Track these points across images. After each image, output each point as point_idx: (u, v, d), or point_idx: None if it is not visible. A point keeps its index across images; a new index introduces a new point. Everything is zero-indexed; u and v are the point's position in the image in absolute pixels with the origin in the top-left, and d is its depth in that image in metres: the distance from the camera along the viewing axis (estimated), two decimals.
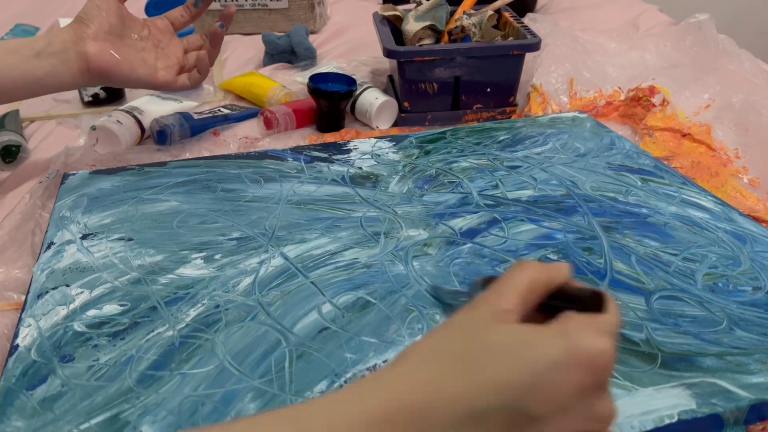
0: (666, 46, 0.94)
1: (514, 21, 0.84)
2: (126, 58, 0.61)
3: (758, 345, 0.42)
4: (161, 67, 0.64)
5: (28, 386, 0.39)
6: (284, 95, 0.84)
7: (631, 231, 0.54)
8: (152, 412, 0.37)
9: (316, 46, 1.04)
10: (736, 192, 0.64)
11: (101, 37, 0.60)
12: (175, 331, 0.43)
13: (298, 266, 0.50)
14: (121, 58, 0.61)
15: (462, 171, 0.64)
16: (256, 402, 0.38)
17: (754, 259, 0.50)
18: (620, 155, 0.67)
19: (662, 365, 0.40)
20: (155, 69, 0.64)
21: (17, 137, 0.72)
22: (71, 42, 0.59)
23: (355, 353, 0.41)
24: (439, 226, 0.55)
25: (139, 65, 0.62)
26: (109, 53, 0.60)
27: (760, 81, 0.81)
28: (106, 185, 0.62)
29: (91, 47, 0.59)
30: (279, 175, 0.63)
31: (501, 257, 0.51)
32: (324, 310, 0.45)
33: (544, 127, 0.73)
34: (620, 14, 1.16)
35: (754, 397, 0.38)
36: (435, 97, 0.78)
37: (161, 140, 0.74)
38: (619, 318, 0.29)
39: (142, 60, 0.63)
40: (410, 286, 0.47)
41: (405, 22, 0.82)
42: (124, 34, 0.62)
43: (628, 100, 0.80)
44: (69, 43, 0.59)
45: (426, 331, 0.43)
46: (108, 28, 0.60)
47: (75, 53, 0.59)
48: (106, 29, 0.60)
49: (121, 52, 0.61)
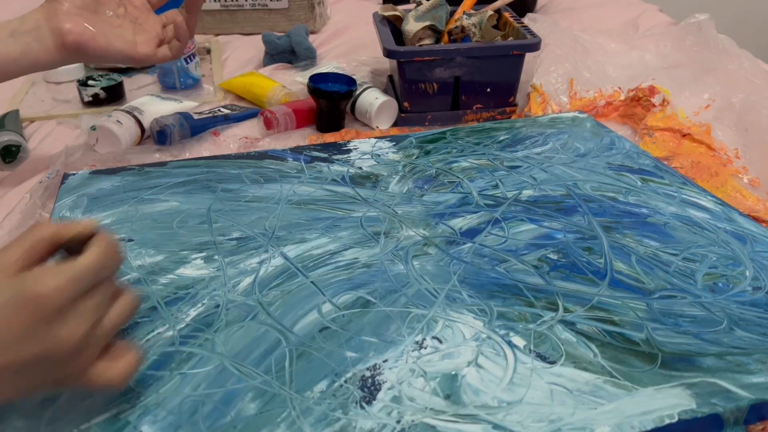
0: (666, 46, 0.94)
1: (514, 21, 0.84)
2: (101, 32, 0.60)
3: (758, 345, 0.42)
4: (140, 41, 0.63)
5: None
6: (284, 95, 0.84)
7: (631, 231, 0.54)
8: (152, 412, 0.37)
9: (316, 46, 1.04)
10: (736, 192, 0.64)
11: (74, 11, 0.59)
12: (175, 331, 0.43)
13: (298, 266, 0.50)
14: (97, 32, 0.60)
15: (462, 171, 0.64)
16: (256, 402, 0.38)
17: (754, 259, 0.50)
18: (620, 155, 0.67)
19: (662, 365, 0.40)
20: (134, 43, 0.62)
21: (17, 137, 0.72)
22: (44, 19, 0.59)
23: (356, 352, 0.41)
24: (439, 225, 0.55)
25: (115, 39, 0.61)
26: (83, 26, 0.59)
27: (760, 81, 0.81)
28: (106, 185, 0.62)
29: (64, 22, 0.59)
30: (279, 175, 0.63)
31: (501, 257, 0.51)
32: (324, 309, 0.45)
33: (544, 127, 0.73)
34: (620, 14, 1.16)
35: (754, 397, 0.38)
36: (435, 97, 0.78)
37: (161, 140, 0.74)
38: (104, 249, 0.34)
39: (119, 34, 0.62)
40: (410, 286, 0.47)
41: (405, 22, 0.82)
42: (99, 11, 0.62)
43: (628, 100, 0.80)
44: (42, 21, 0.59)
45: (426, 330, 0.43)
46: (81, 3, 0.60)
47: (49, 30, 0.59)
48: (79, 5, 0.60)
49: (96, 26, 0.60)
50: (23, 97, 0.89)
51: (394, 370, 0.40)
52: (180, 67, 0.90)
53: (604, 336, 0.42)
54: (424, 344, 0.42)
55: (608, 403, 0.37)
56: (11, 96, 0.89)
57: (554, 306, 0.45)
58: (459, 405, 0.37)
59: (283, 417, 0.37)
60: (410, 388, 0.38)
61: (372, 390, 0.38)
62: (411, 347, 0.42)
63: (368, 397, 0.38)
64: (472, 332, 0.43)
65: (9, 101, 0.87)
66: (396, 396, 0.38)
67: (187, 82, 0.91)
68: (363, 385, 0.39)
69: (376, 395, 0.38)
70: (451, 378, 0.39)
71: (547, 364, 0.40)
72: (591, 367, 0.40)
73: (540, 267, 0.49)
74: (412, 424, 0.36)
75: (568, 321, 0.44)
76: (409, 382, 0.39)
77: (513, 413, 0.37)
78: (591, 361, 0.40)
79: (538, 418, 0.36)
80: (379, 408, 0.37)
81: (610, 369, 0.40)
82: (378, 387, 0.39)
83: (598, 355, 0.41)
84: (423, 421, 0.36)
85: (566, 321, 0.44)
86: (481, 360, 0.40)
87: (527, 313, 0.44)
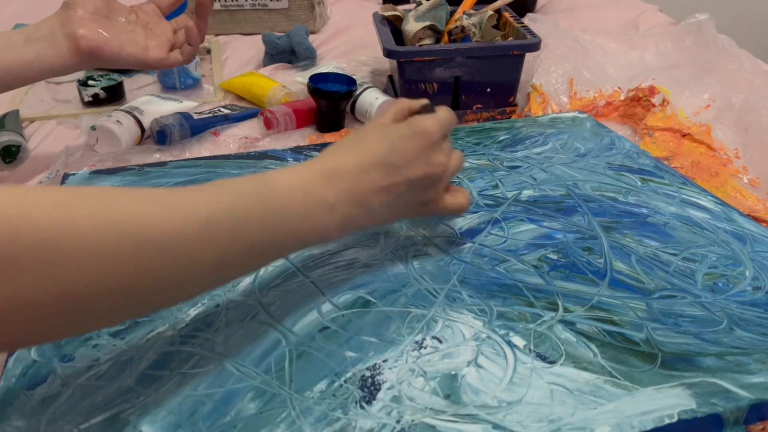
0: (666, 46, 0.94)
1: (514, 21, 0.84)
2: (114, 37, 0.62)
3: (758, 345, 0.42)
4: (152, 46, 0.64)
5: (28, 386, 0.39)
6: (284, 95, 0.84)
7: (631, 231, 0.54)
8: (152, 412, 0.37)
9: (316, 46, 1.04)
10: (736, 192, 0.64)
11: (88, 17, 0.61)
12: (175, 330, 0.43)
13: (298, 266, 0.50)
14: (110, 36, 0.61)
15: (462, 171, 0.64)
16: (256, 401, 0.38)
17: (754, 259, 0.50)
18: (620, 155, 0.67)
19: (662, 365, 0.40)
20: (146, 47, 0.64)
21: (17, 137, 0.72)
22: (58, 25, 0.60)
23: (355, 352, 0.41)
24: (439, 225, 0.55)
25: (128, 43, 0.62)
26: (96, 31, 0.60)
27: (760, 81, 0.81)
28: (106, 185, 0.62)
29: (78, 28, 0.60)
30: None
31: (501, 257, 0.51)
32: (324, 309, 0.45)
33: (544, 127, 0.73)
34: (620, 14, 1.16)
35: (754, 397, 0.38)
36: (435, 97, 0.78)
37: (161, 140, 0.74)
38: (448, 113, 0.48)
39: (132, 39, 0.63)
40: (410, 286, 0.47)
41: (405, 22, 0.82)
42: (112, 17, 0.63)
43: (628, 100, 0.80)
44: (56, 27, 0.60)
45: (426, 330, 0.43)
46: (94, 10, 0.61)
47: (63, 35, 0.60)
48: (93, 11, 0.61)
49: (109, 31, 0.61)
50: (23, 97, 0.89)
51: (393, 370, 0.40)
52: (180, 67, 0.90)
53: (604, 336, 0.42)
54: (424, 344, 0.42)
55: (608, 403, 0.37)
56: (11, 96, 0.88)
57: (554, 306, 0.45)
58: (459, 405, 0.37)
59: (282, 417, 0.37)
60: (410, 387, 0.38)
61: (372, 390, 0.38)
62: (411, 347, 0.42)
63: (368, 397, 0.38)
64: (472, 332, 0.43)
65: (9, 101, 0.87)
66: (396, 396, 0.38)
67: (187, 82, 0.91)
68: (363, 385, 0.39)
69: (375, 395, 0.38)
70: (451, 378, 0.39)
71: (547, 364, 0.40)
72: (591, 367, 0.40)
73: (540, 267, 0.49)
74: (412, 423, 0.36)
75: (568, 321, 0.44)
76: (408, 381, 0.39)
77: (513, 413, 0.37)
78: (591, 361, 0.40)
79: (538, 418, 0.36)
80: (379, 408, 0.37)
81: (610, 369, 0.40)
82: (378, 387, 0.39)
83: (598, 355, 0.41)
84: (423, 421, 0.36)
85: (566, 321, 0.44)
86: (481, 360, 0.40)
87: (527, 313, 0.44)
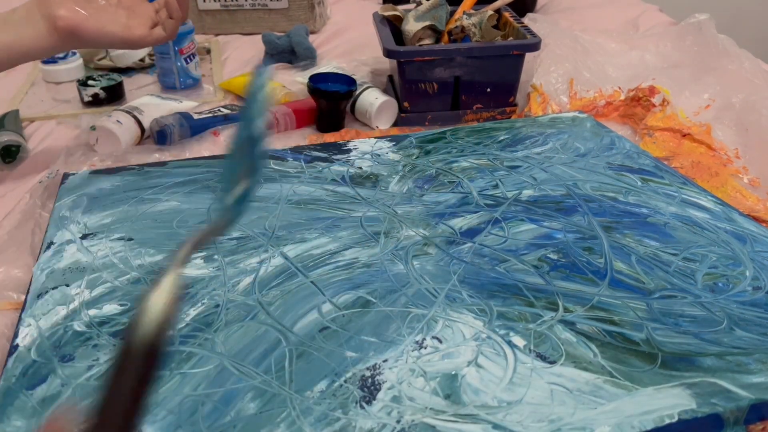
0: (666, 46, 0.94)
1: (514, 21, 0.84)
2: (94, 16, 0.61)
3: (758, 345, 0.42)
4: (134, 24, 0.63)
5: (28, 386, 0.39)
6: (284, 95, 0.84)
7: (631, 231, 0.54)
8: (152, 412, 0.37)
9: (316, 46, 1.04)
10: (736, 192, 0.64)
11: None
12: (175, 330, 0.43)
13: (298, 266, 0.50)
14: (89, 15, 0.61)
15: (462, 171, 0.64)
16: (256, 401, 0.38)
17: (754, 259, 0.50)
18: (620, 155, 0.67)
19: (662, 365, 0.40)
20: (128, 26, 0.63)
21: (17, 137, 0.72)
22: (36, 7, 0.60)
23: (355, 352, 0.41)
24: (439, 225, 0.55)
25: (108, 23, 0.62)
26: (74, 10, 0.60)
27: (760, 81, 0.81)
28: (106, 185, 0.62)
29: (56, 7, 0.59)
30: (279, 175, 0.63)
31: (501, 257, 0.51)
32: (324, 309, 0.45)
33: (544, 127, 0.73)
34: (620, 14, 1.16)
35: (754, 397, 0.38)
36: (435, 97, 0.78)
37: (161, 140, 0.74)
38: None
39: (113, 19, 0.62)
40: (410, 286, 0.47)
41: (405, 22, 0.82)
42: (91, 0, 0.62)
43: (628, 100, 0.80)
44: (34, 8, 0.60)
45: (426, 330, 0.43)
46: None
47: (40, 15, 0.59)
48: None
49: (89, 10, 0.61)
50: (23, 97, 0.89)
51: (394, 370, 0.40)
52: (180, 67, 0.90)
53: (604, 336, 0.42)
54: (424, 344, 0.42)
55: (608, 403, 0.37)
56: (11, 96, 0.89)
57: (554, 306, 0.45)
58: (459, 405, 0.37)
59: (282, 417, 0.37)
60: (410, 387, 0.38)
61: (372, 390, 0.38)
62: (411, 347, 0.42)
63: (368, 397, 0.38)
64: (472, 332, 0.43)
65: (9, 101, 0.87)
66: (396, 396, 0.38)
67: (187, 82, 0.91)
68: (363, 385, 0.39)
69: (376, 395, 0.38)
70: (451, 378, 0.39)
71: (547, 363, 0.40)
72: (591, 367, 0.40)
73: (540, 267, 0.49)
74: (412, 423, 0.36)
75: (568, 321, 0.44)
76: (409, 381, 0.39)
77: (513, 413, 0.37)
78: (591, 361, 0.40)
79: (538, 418, 0.36)
80: (379, 408, 0.37)
81: (610, 369, 0.40)
82: (378, 387, 0.39)
83: (598, 355, 0.41)
84: (423, 421, 0.36)
85: (566, 321, 0.44)
86: (481, 360, 0.40)
87: (527, 312, 0.44)
